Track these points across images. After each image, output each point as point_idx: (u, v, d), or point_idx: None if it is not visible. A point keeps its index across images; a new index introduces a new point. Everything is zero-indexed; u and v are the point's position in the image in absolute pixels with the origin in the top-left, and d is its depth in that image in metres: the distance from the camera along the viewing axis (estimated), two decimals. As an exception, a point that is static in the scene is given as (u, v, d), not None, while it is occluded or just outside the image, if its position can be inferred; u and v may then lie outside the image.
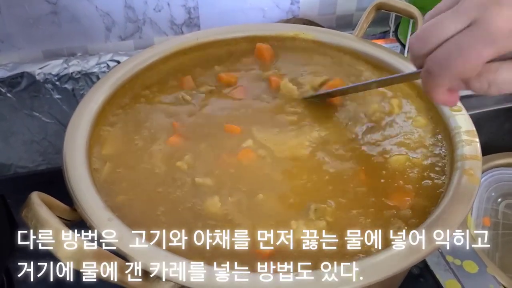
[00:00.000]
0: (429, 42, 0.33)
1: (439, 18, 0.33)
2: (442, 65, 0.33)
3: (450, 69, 0.33)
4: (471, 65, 0.32)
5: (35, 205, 0.32)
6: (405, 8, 0.57)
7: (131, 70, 0.55)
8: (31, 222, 0.32)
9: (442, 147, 0.47)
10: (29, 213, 0.32)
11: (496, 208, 0.73)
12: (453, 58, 0.32)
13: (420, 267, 0.57)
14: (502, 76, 0.32)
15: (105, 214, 0.37)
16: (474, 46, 0.31)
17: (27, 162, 0.79)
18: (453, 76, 0.33)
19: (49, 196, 0.36)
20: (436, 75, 0.34)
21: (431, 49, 0.33)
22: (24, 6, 0.71)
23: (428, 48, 0.34)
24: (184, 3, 0.77)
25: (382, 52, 0.57)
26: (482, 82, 0.33)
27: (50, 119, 0.76)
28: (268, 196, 0.42)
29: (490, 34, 0.30)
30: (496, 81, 0.32)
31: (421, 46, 0.34)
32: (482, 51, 0.31)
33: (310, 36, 0.60)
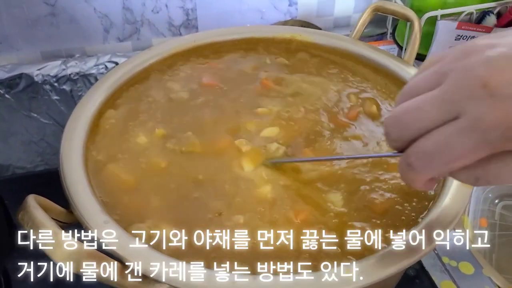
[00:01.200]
0: (409, 129, 0.29)
1: (420, 102, 0.29)
2: (428, 162, 0.29)
3: (434, 167, 0.29)
4: (459, 165, 0.28)
5: (31, 208, 0.32)
6: (401, 11, 0.58)
7: (129, 71, 0.55)
8: (27, 225, 0.32)
9: None
10: (25, 216, 0.32)
11: (493, 210, 0.73)
12: (438, 156, 0.28)
13: (416, 269, 0.58)
14: (492, 171, 0.28)
15: (102, 217, 0.37)
16: (463, 145, 0.27)
17: (25, 163, 0.79)
18: (437, 173, 0.30)
19: (45, 199, 0.36)
20: (418, 171, 0.30)
21: (411, 138, 0.30)
22: (23, 7, 0.71)
23: (408, 136, 0.30)
24: (182, 4, 0.77)
25: (378, 54, 0.57)
26: (469, 176, 0.29)
27: (48, 120, 0.76)
28: None
29: (482, 133, 0.26)
30: (485, 177, 0.29)
31: (400, 132, 0.30)
32: (473, 151, 0.27)
33: (307, 38, 0.60)
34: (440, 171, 0.30)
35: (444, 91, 0.28)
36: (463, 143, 0.27)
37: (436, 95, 0.28)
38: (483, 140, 0.27)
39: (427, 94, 0.29)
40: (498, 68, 0.26)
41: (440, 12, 0.70)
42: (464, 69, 0.27)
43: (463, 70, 0.27)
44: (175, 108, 0.52)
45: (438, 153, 0.28)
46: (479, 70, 0.26)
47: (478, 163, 0.28)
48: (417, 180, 0.31)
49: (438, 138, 0.28)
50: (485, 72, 0.26)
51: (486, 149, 0.27)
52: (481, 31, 0.69)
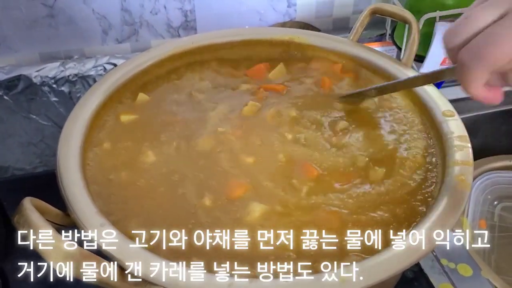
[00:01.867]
0: (462, 33, 0.32)
1: (472, 10, 0.32)
2: (475, 56, 0.31)
3: (483, 60, 0.31)
4: (505, 55, 0.31)
5: (27, 211, 0.32)
6: (399, 13, 0.57)
7: (127, 73, 0.55)
8: (23, 227, 0.32)
9: (434, 152, 0.48)
10: (21, 219, 0.32)
11: (492, 211, 0.73)
12: (486, 49, 0.31)
13: (414, 271, 0.58)
14: None
15: (98, 220, 0.37)
16: (507, 36, 0.30)
17: (24, 164, 0.79)
18: (488, 68, 0.32)
19: (41, 201, 0.36)
20: (470, 68, 0.32)
21: (464, 41, 0.32)
22: (21, 9, 0.71)
23: (461, 39, 0.33)
24: (181, 6, 0.77)
25: (376, 56, 0.57)
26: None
27: (47, 121, 0.76)
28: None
29: None
30: None
31: (453, 38, 0.33)
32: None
33: (305, 41, 0.60)
34: (491, 65, 0.31)
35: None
36: (506, 35, 0.30)
37: (486, 3, 0.32)
38: None
39: (479, 5, 0.32)
40: None
41: (438, 14, 0.70)
42: None
43: None
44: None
45: (487, 45, 0.31)
46: None
47: None
48: (472, 79, 0.32)
49: (486, 33, 0.31)
50: None
51: None
52: (479, 33, 0.69)
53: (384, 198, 0.44)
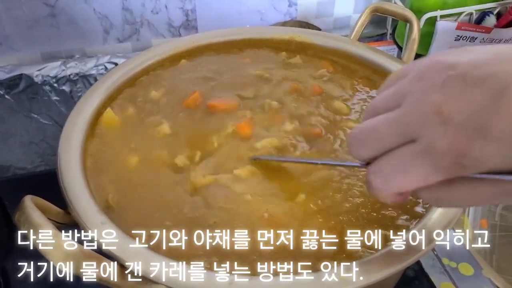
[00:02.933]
0: (369, 148, 0.30)
1: (377, 123, 0.30)
2: (384, 182, 0.30)
3: (392, 187, 0.29)
4: (413, 183, 0.28)
5: (28, 209, 0.32)
6: (400, 12, 0.58)
7: (128, 72, 0.55)
8: (24, 226, 0.32)
9: None
10: (22, 217, 0.32)
11: (493, 210, 0.73)
12: (395, 178, 0.29)
13: (415, 270, 0.58)
14: (454, 195, 0.28)
15: (99, 218, 0.37)
16: (418, 169, 0.28)
17: (25, 164, 0.79)
18: (395, 191, 0.30)
19: (42, 200, 0.36)
20: (378, 190, 0.30)
21: (371, 156, 0.30)
22: (22, 8, 0.71)
23: (368, 155, 0.30)
24: (182, 5, 0.77)
25: (377, 55, 0.57)
26: (431, 197, 0.29)
27: (48, 120, 0.76)
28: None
29: (435, 158, 0.27)
30: (447, 199, 0.29)
31: (360, 150, 0.31)
32: (427, 175, 0.27)
33: (306, 39, 0.60)
34: (397, 191, 0.30)
35: (401, 114, 0.28)
36: (417, 166, 0.28)
37: (392, 118, 0.29)
38: (437, 165, 0.27)
39: (385, 115, 0.29)
40: (453, 95, 0.26)
41: (439, 13, 0.70)
42: (421, 93, 0.27)
43: (419, 94, 0.28)
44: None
45: (394, 174, 0.29)
46: (434, 95, 0.27)
47: (439, 186, 0.28)
48: (380, 196, 0.31)
49: (394, 160, 0.29)
50: (440, 98, 0.26)
51: (441, 174, 0.27)
52: (480, 32, 0.69)
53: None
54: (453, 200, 0.29)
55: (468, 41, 0.70)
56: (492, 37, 0.70)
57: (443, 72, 0.27)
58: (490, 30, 0.69)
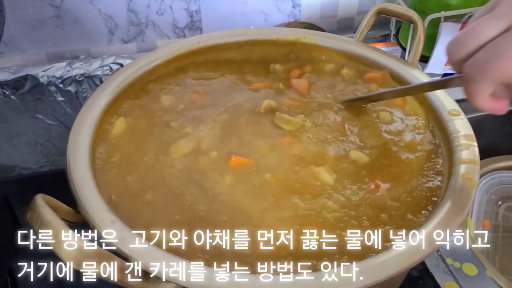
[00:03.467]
0: (467, 46, 0.32)
1: (477, 23, 0.32)
2: (481, 69, 0.32)
3: (489, 73, 0.31)
4: (510, 69, 0.31)
5: (39, 207, 0.33)
6: (405, 13, 0.58)
7: (134, 73, 0.55)
8: (36, 224, 0.32)
9: (440, 151, 0.48)
10: (34, 215, 0.32)
11: (496, 211, 0.73)
12: (491, 62, 0.31)
13: (419, 270, 0.58)
14: None
15: (108, 216, 0.37)
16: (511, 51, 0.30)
17: (30, 164, 0.79)
18: (493, 81, 0.32)
19: (53, 198, 0.36)
20: (476, 80, 0.32)
21: (469, 54, 0.33)
22: (28, 9, 0.72)
23: (466, 52, 0.33)
24: (187, 6, 0.77)
25: (382, 56, 0.58)
26: None
27: (53, 121, 0.76)
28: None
29: None
30: None
31: (458, 51, 0.33)
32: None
33: (311, 41, 0.61)
34: (496, 79, 0.31)
35: (497, 11, 0.32)
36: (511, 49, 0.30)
37: (490, 16, 0.32)
38: None
39: (483, 17, 0.32)
40: None
41: (443, 14, 0.70)
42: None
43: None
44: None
45: (492, 59, 0.31)
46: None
47: None
48: (477, 92, 0.33)
49: (491, 47, 0.31)
50: None
51: None
52: (484, 33, 0.69)
53: (389, 197, 0.44)
54: None
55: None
56: (496, 38, 0.70)
57: None
58: (493, 31, 0.69)
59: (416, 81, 0.53)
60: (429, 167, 0.46)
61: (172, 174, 0.45)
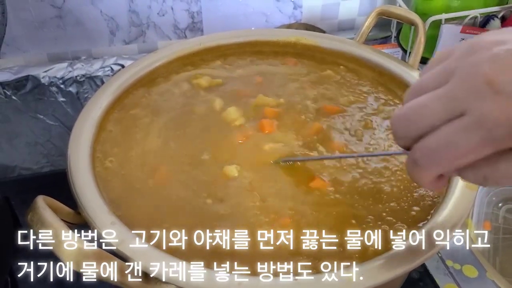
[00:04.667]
0: (415, 127, 0.30)
1: (426, 100, 0.29)
2: (431, 158, 0.29)
3: (439, 163, 0.29)
4: (464, 161, 0.28)
5: (40, 209, 0.33)
6: (406, 15, 0.58)
7: (135, 74, 0.55)
8: (36, 225, 0.32)
9: None
10: (34, 216, 0.33)
11: (497, 213, 0.73)
12: (443, 153, 0.28)
13: (419, 271, 0.58)
14: (501, 170, 0.28)
15: (109, 218, 0.37)
16: (468, 142, 0.27)
17: (31, 164, 0.79)
18: (442, 170, 0.30)
19: (53, 200, 0.36)
20: (423, 168, 0.30)
21: (417, 136, 0.30)
22: (30, 10, 0.72)
23: (414, 134, 0.30)
24: (188, 7, 0.78)
25: (383, 58, 0.58)
26: (477, 175, 0.29)
27: (54, 121, 0.76)
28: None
29: (488, 130, 0.26)
30: (494, 176, 0.28)
31: (405, 130, 0.30)
32: (478, 149, 0.27)
33: (312, 42, 0.61)
34: (446, 168, 0.29)
35: (450, 88, 0.28)
36: (468, 139, 0.27)
37: (442, 93, 0.28)
38: (488, 137, 0.26)
39: (433, 92, 0.29)
40: (504, 66, 0.26)
41: (444, 16, 0.70)
42: (470, 66, 0.27)
43: (468, 67, 0.28)
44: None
45: (443, 149, 0.28)
46: (485, 67, 0.27)
47: (485, 162, 0.28)
48: (423, 177, 0.31)
49: (443, 135, 0.28)
50: (491, 69, 0.26)
51: (492, 146, 0.27)
52: (485, 35, 0.69)
53: (389, 198, 0.44)
54: (500, 177, 0.28)
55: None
56: (497, 40, 0.70)
57: (491, 48, 0.27)
58: (494, 33, 0.70)
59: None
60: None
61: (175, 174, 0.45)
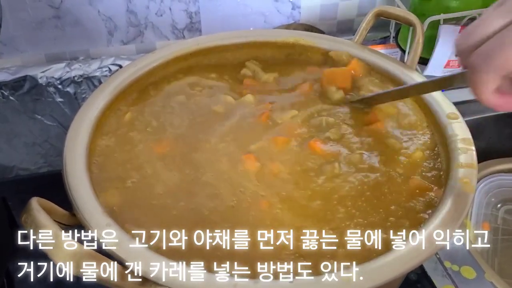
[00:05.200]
0: (473, 37, 0.33)
1: (486, 15, 0.33)
2: (487, 59, 0.31)
3: (493, 63, 0.31)
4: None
5: (34, 211, 0.33)
6: (404, 15, 0.58)
7: (132, 74, 0.55)
8: (31, 227, 0.32)
9: (438, 154, 0.48)
10: (28, 218, 0.32)
11: (495, 214, 0.73)
12: (497, 52, 0.31)
13: (417, 273, 0.58)
14: None
15: (104, 220, 0.37)
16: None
17: (29, 165, 0.79)
18: (499, 71, 0.31)
19: (48, 202, 0.36)
20: (481, 71, 0.32)
21: (475, 44, 0.33)
22: (27, 10, 0.72)
23: (472, 43, 0.33)
24: (186, 8, 0.77)
25: (381, 59, 0.57)
26: None
27: (52, 122, 0.76)
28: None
29: None
30: None
31: (465, 41, 0.33)
32: None
33: (310, 43, 0.60)
34: (500, 69, 0.31)
35: (505, 5, 0.32)
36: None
37: (498, 9, 0.32)
38: None
39: (492, 11, 0.33)
40: None
41: (442, 17, 0.70)
42: None
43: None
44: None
45: (497, 50, 0.31)
46: None
47: None
48: (484, 87, 0.32)
49: (497, 38, 0.31)
50: None
51: None
52: (484, 36, 0.69)
53: (387, 200, 0.44)
54: None
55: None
56: (495, 41, 0.70)
57: None
58: (493, 34, 0.69)
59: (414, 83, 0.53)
60: (427, 171, 0.46)
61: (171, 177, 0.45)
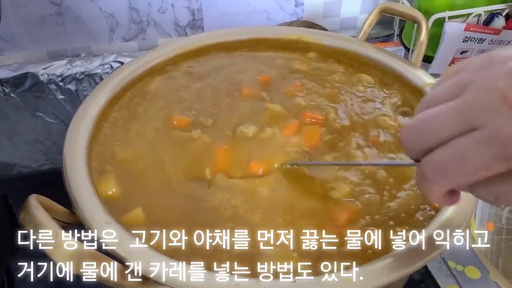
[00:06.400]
0: (425, 139, 0.29)
1: (438, 112, 0.28)
2: (440, 172, 0.28)
3: (450, 178, 0.28)
4: (475, 177, 0.27)
5: (32, 208, 0.32)
6: (409, 12, 0.57)
7: (134, 71, 0.55)
8: (29, 225, 0.32)
9: None
10: (27, 216, 0.32)
11: (500, 213, 0.72)
12: (453, 167, 0.28)
13: (421, 273, 0.57)
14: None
15: (104, 218, 0.37)
16: (480, 157, 0.26)
17: (30, 162, 0.79)
18: (453, 185, 0.29)
19: (47, 199, 0.36)
20: (433, 182, 0.29)
21: (427, 148, 0.29)
22: (29, 7, 0.71)
23: (424, 146, 0.29)
24: (188, 5, 0.77)
25: (385, 56, 0.57)
26: (489, 193, 0.28)
27: (53, 119, 0.76)
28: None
29: (501, 146, 0.25)
30: (507, 195, 0.27)
31: (415, 142, 0.30)
32: (490, 165, 0.26)
33: (313, 39, 0.60)
34: (455, 184, 0.28)
35: (463, 101, 0.27)
36: (480, 155, 0.26)
37: (455, 106, 0.28)
38: (501, 153, 0.26)
39: (446, 104, 0.28)
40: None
41: (447, 14, 0.70)
42: (485, 80, 0.27)
43: (483, 81, 0.27)
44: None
45: (453, 164, 0.27)
46: (500, 82, 0.26)
47: (498, 180, 0.27)
48: (433, 192, 0.30)
49: (454, 149, 0.27)
50: (506, 84, 0.26)
51: (504, 164, 0.26)
52: (489, 33, 0.69)
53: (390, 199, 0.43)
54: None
55: (476, 43, 0.70)
56: (501, 38, 0.69)
57: (507, 62, 0.26)
58: (498, 31, 0.69)
59: (418, 81, 0.53)
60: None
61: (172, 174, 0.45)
